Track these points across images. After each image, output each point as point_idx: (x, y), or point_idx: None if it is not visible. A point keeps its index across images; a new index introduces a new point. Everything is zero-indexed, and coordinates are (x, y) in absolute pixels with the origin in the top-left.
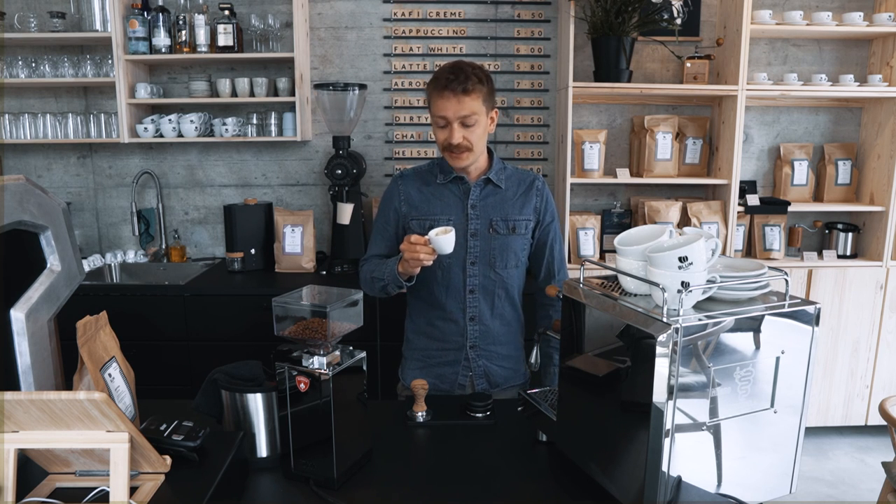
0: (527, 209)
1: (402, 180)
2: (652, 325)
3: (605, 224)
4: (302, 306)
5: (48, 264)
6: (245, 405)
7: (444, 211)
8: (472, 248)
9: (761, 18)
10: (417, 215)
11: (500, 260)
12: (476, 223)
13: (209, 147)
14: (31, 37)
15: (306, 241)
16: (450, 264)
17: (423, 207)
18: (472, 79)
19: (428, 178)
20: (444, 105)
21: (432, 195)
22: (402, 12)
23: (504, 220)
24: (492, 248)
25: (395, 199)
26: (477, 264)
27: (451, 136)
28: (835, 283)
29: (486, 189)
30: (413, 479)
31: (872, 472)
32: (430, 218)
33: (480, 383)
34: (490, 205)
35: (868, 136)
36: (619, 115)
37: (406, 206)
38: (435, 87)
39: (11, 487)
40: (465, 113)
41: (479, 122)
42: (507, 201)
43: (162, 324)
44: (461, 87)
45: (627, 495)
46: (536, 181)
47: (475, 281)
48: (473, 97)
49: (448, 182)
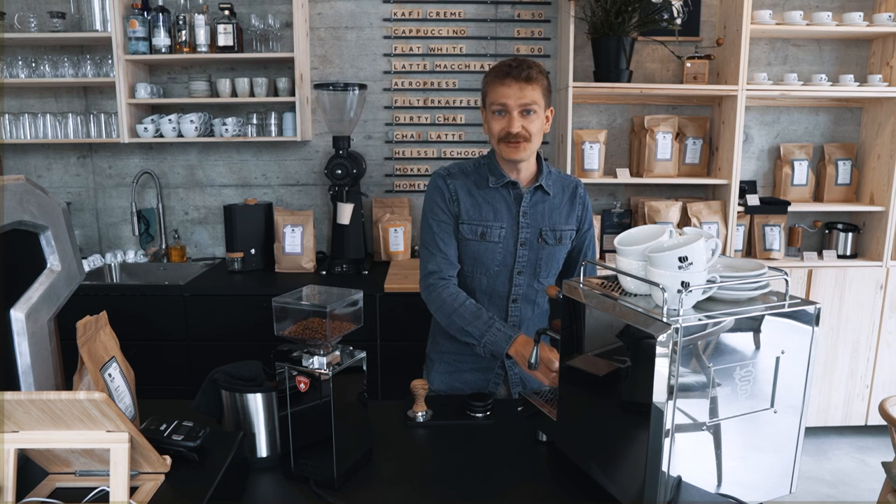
0: (571, 218)
1: (451, 179)
2: (652, 325)
3: (605, 224)
4: (302, 306)
5: (48, 264)
6: (245, 405)
7: (497, 218)
8: (520, 257)
9: (761, 18)
10: (468, 220)
11: (544, 269)
12: (526, 232)
13: (209, 147)
14: (31, 37)
15: (306, 241)
16: (497, 272)
17: (473, 212)
18: (534, 68)
19: (478, 180)
20: (506, 92)
21: (483, 200)
22: (402, 12)
23: (552, 229)
24: (539, 257)
25: (445, 196)
26: (523, 274)
27: (511, 125)
28: (835, 284)
29: (536, 196)
30: (413, 479)
31: (872, 472)
32: (483, 224)
33: (517, 390)
34: (539, 213)
35: (868, 136)
36: (619, 115)
37: (456, 207)
38: (496, 76)
39: (11, 487)
40: (526, 101)
41: (538, 114)
42: (554, 210)
43: (162, 324)
44: (524, 75)
45: (627, 495)
46: (578, 188)
47: (520, 290)
48: (535, 87)
49: (500, 186)
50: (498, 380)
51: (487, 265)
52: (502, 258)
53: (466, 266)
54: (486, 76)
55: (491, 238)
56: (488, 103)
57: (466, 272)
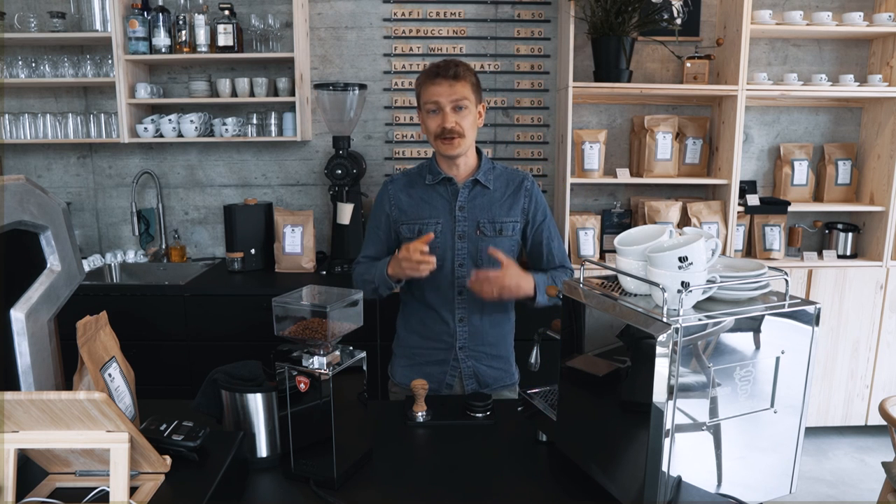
0: (514, 210)
1: (392, 185)
2: (652, 325)
3: (605, 224)
4: (302, 306)
5: (48, 264)
6: (245, 405)
7: (433, 214)
8: (459, 249)
9: (761, 18)
10: (407, 220)
11: (486, 261)
12: (464, 225)
13: (209, 147)
14: (31, 37)
15: (306, 241)
16: (440, 266)
17: (411, 212)
18: (461, 67)
19: (416, 180)
20: (437, 91)
21: (421, 199)
22: (402, 12)
23: (491, 221)
24: (479, 249)
25: (386, 203)
26: (465, 266)
27: (445, 120)
28: (835, 283)
29: (475, 190)
30: (413, 479)
31: (872, 472)
32: (420, 222)
33: (469, 384)
34: (478, 206)
35: (868, 136)
36: (619, 115)
37: (396, 211)
38: (427, 77)
39: (11, 487)
40: (456, 97)
41: (469, 109)
42: (494, 203)
43: (162, 324)
44: (451, 73)
45: (627, 495)
46: (525, 181)
47: (464, 282)
48: (464, 83)
49: (436, 183)
50: (454, 373)
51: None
52: (442, 252)
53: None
54: (417, 78)
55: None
56: (422, 103)
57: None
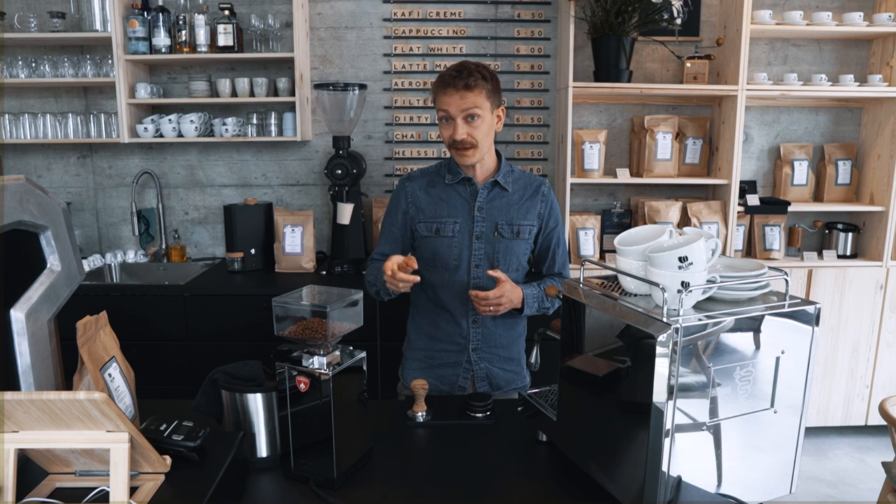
0: (531, 215)
1: (410, 182)
2: (652, 325)
3: (605, 224)
4: (302, 306)
5: (48, 264)
6: (245, 405)
7: (451, 213)
8: (476, 250)
9: (761, 18)
10: (424, 218)
11: (502, 263)
12: (482, 226)
13: (209, 147)
14: (31, 37)
15: (306, 241)
16: (455, 266)
17: (429, 210)
18: (474, 75)
19: (435, 179)
20: (447, 100)
21: (439, 198)
22: (402, 12)
23: (509, 223)
24: (496, 251)
25: (403, 200)
26: (481, 267)
27: (455, 132)
28: (835, 283)
29: (493, 192)
30: (413, 479)
31: (872, 472)
32: (437, 221)
33: (482, 385)
34: (496, 208)
35: (868, 136)
36: (619, 115)
37: (414, 209)
38: (440, 85)
39: (11, 487)
40: (467, 107)
41: (482, 118)
42: (512, 205)
43: (162, 324)
44: (463, 83)
45: (627, 495)
46: (542, 186)
47: (479, 283)
48: (476, 93)
49: (455, 183)
50: (467, 375)
51: (446, 260)
52: (458, 252)
53: (427, 262)
54: (433, 82)
55: (445, 233)
56: (437, 110)
57: (427, 268)
